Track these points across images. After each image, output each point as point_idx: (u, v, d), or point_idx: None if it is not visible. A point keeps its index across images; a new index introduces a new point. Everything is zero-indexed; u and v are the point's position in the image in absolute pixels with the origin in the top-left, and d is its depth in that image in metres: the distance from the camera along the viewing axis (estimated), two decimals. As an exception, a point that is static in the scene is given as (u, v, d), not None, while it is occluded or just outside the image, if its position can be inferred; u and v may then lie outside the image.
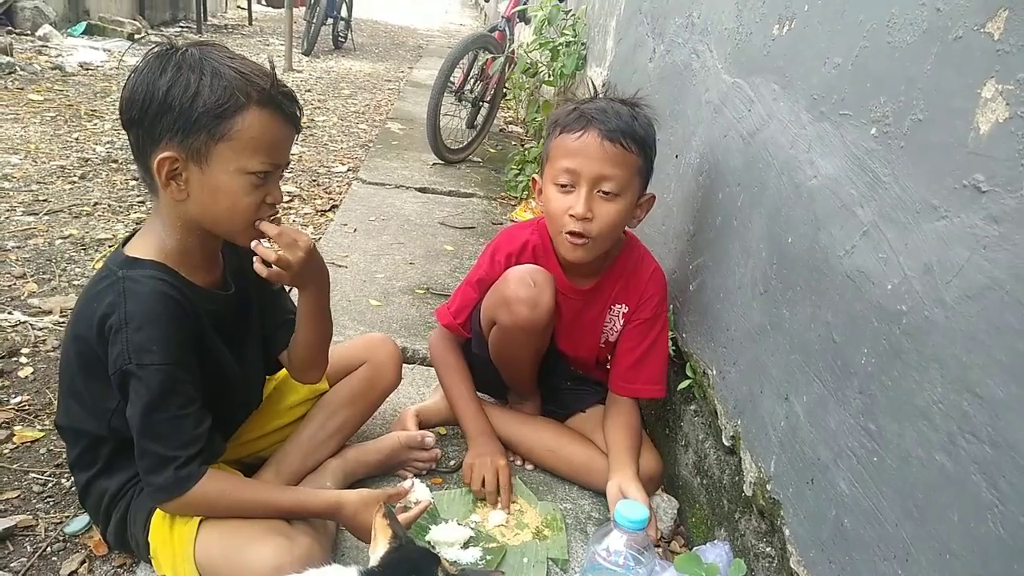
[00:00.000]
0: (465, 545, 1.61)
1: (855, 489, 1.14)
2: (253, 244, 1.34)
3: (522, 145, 5.00)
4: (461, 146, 4.57)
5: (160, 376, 1.25)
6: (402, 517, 1.40)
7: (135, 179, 3.55)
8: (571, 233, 1.66)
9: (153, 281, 1.28)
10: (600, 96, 1.78)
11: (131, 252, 1.33)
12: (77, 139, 3.98)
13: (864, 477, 1.12)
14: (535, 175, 1.79)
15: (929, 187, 1.03)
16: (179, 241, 1.34)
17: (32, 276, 2.57)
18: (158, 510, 1.37)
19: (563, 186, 1.66)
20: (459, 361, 1.91)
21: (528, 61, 4.31)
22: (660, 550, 1.69)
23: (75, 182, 3.43)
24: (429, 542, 1.60)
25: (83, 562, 1.50)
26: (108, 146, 3.95)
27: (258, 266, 1.36)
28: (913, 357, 1.03)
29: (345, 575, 1.09)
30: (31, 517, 1.59)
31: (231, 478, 1.37)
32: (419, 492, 1.63)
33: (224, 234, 1.36)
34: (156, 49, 1.25)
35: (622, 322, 1.83)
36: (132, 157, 1.36)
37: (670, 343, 1.90)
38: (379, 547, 1.15)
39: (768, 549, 1.42)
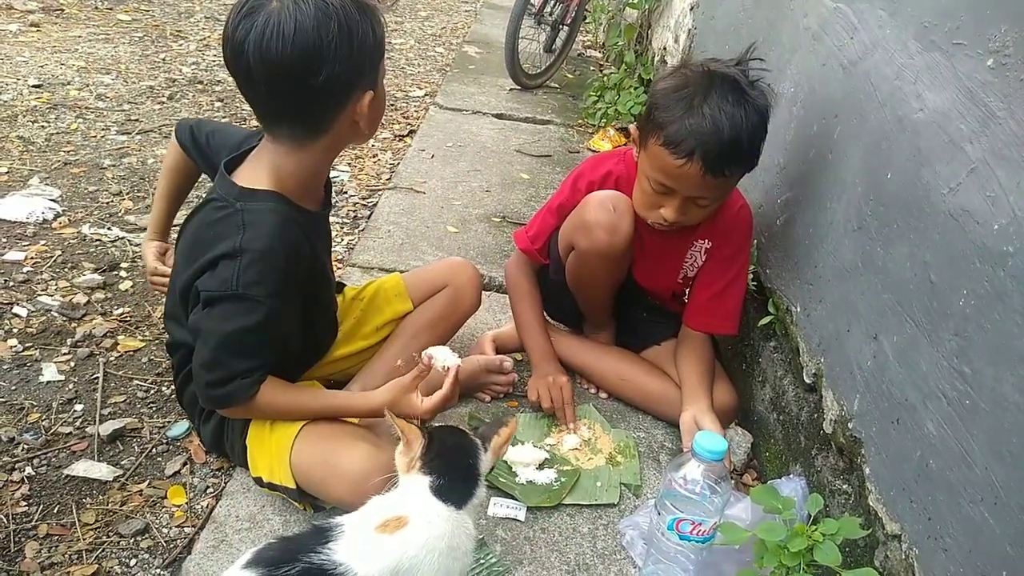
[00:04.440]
0: (540, 466, 1.66)
1: (944, 431, 1.12)
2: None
3: (601, 71, 4.89)
4: (539, 71, 4.49)
5: (263, 310, 1.30)
6: (437, 395, 1.44)
7: (220, 100, 3.63)
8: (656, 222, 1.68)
9: (274, 215, 1.32)
10: (702, 67, 1.58)
11: (245, 183, 1.36)
12: (164, 60, 4.07)
13: (954, 419, 1.10)
14: (632, 125, 1.73)
15: (1050, 123, 0.98)
16: (314, 171, 1.42)
17: (128, 194, 2.68)
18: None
19: (657, 188, 1.62)
20: (531, 287, 1.92)
21: (611, -17, 4.18)
22: (732, 482, 1.71)
23: (164, 102, 3.52)
24: (506, 462, 1.65)
25: (184, 464, 1.61)
26: (193, 67, 4.02)
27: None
28: (1018, 300, 1.00)
29: (420, 491, 1.13)
30: (137, 420, 1.71)
31: (280, 386, 1.42)
32: (441, 356, 1.48)
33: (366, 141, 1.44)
34: None
35: (704, 258, 1.81)
36: (215, 78, 1.43)
37: (751, 279, 1.88)
38: (415, 446, 1.16)
39: (845, 487, 1.42)
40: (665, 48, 3.57)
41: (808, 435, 1.58)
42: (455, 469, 1.16)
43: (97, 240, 2.38)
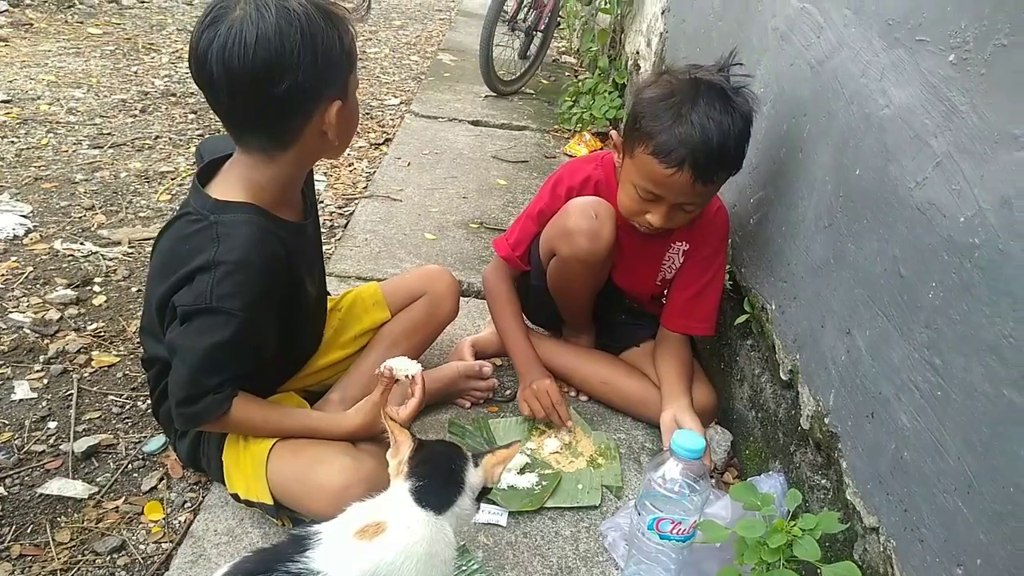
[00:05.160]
0: (521, 471, 1.66)
1: (917, 423, 1.13)
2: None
3: (576, 76, 4.91)
4: (514, 77, 4.50)
5: (237, 323, 1.29)
6: (410, 404, 1.45)
7: (193, 112, 3.60)
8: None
9: (249, 227, 1.31)
10: (688, 74, 1.58)
11: (219, 195, 1.34)
12: (136, 73, 4.03)
13: (927, 411, 1.11)
14: (613, 131, 1.73)
15: (1010, 115, 0.99)
16: (287, 182, 1.40)
17: (100, 208, 2.66)
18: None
19: (645, 196, 1.61)
20: (511, 294, 1.92)
21: (583, -12, 4.20)
22: (713, 481, 1.72)
23: (136, 115, 3.49)
24: (487, 467, 1.65)
25: (161, 479, 1.60)
26: (166, 79, 4.00)
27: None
28: (984, 291, 1.01)
29: (399, 497, 1.12)
30: (112, 436, 1.69)
31: (255, 402, 1.42)
32: (401, 366, 1.46)
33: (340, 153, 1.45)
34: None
35: (681, 259, 1.82)
36: (189, 91, 1.40)
37: (727, 278, 1.89)
38: (402, 450, 1.17)
39: (823, 481, 1.43)
40: (638, 52, 3.59)
41: (786, 431, 1.59)
42: (437, 474, 1.15)
43: (70, 255, 2.35)
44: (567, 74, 5.14)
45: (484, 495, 1.20)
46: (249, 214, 1.33)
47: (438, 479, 1.14)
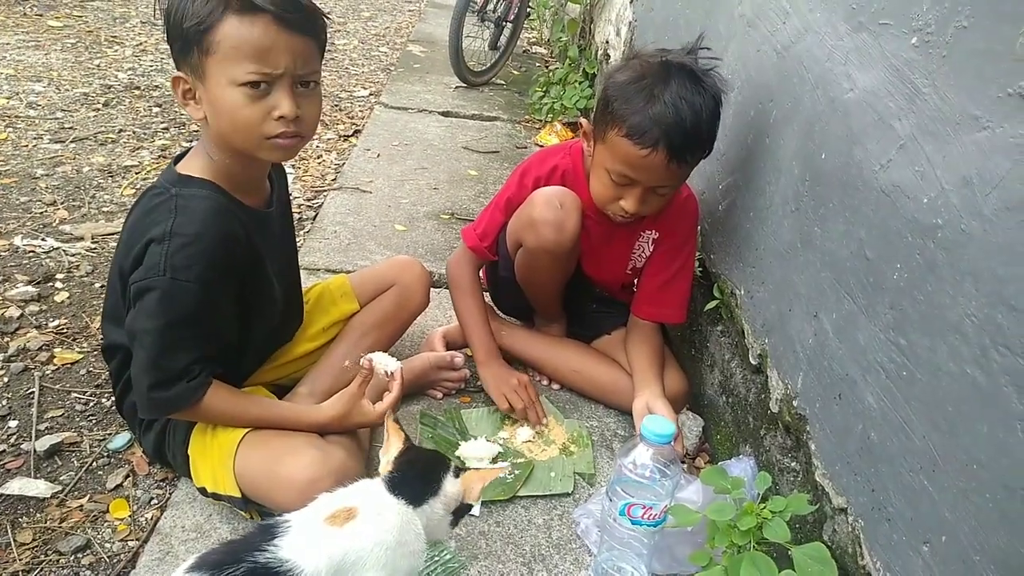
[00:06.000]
0: (494, 460, 1.66)
1: (883, 403, 1.14)
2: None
3: (547, 66, 4.90)
4: (484, 68, 4.48)
5: (192, 298, 1.26)
6: (388, 399, 1.46)
7: (158, 106, 3.54)
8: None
9: (208, 201, 1.30)
10: (658, 57, 1.58)
11: (184, 170, 1.34)
12: (99, 66, 3.95)
13: (893, 391, 1.12)
14: (584, 120, 1.72)
15: (971, 97, 1.00)
16: (220, 160, 1.35)
17: (62, 203, 2.60)
18: (198, 424, 1.42)
19: (619, 180, 1.60)
20: (473, 284, 1.90)
21: (552, -22, 4.18)
22: (685, 467, 1.73)
23: (99, 109, 3.43)
24: (459, 457, 1.64)
25: (127, 476, 1.56)
26: (130, 72, 3.92)
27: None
28: (947, 271, 1.02)
29: (372, 486, 1.13)
30: (76, 434, 1.65)
31: (229, 391, 1.39)
32: (382, 361, 1.49)
33: (241, 150, 1.31)
34: None
35: (651, 247, 1.82)
36: (153, 84, 1.39)
37: (697, 265, 1.90)
38: (392, 449, 1.19)
39: (793, 464, 1.44)
40: (608, 42, 3.59)
41: (756, 415, 1.60)
42: (414, 471, 1.15)
43: (30, 251, 2.30)
44: (537, 64, 5.13)
45: (462, 514, 1.19)
46: (209, 191, 1.32)
47: (415, 474, 1.15)
